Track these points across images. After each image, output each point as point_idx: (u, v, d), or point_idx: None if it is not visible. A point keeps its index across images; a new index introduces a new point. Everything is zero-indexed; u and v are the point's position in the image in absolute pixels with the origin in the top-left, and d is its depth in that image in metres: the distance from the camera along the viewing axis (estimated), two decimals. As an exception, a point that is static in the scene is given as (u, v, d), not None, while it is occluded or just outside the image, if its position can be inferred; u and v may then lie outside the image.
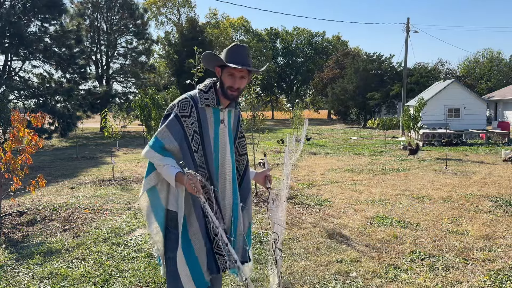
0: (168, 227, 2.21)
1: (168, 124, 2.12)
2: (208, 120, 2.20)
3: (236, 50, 2.16)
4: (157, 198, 2.20)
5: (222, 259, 2.21)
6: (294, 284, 3.60)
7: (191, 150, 2.14)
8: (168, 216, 2.21)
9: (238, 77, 2.16)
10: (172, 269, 2.19)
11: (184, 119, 2.14)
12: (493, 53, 54.48)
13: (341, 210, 6.14)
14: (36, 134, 5.23)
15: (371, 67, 36.66)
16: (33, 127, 5.56)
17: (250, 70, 2.20)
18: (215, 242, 2.20)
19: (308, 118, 28.14)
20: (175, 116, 2.14)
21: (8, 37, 18.52)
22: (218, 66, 2.21)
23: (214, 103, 2.19)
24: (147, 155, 2.12)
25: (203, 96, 2.19)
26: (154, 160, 2.11)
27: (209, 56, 2.19)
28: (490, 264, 4.00)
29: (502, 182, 8.17)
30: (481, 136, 18.12)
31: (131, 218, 5.77)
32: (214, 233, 2.17)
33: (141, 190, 2.22)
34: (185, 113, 2.14)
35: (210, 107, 2.20)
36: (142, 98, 9.16)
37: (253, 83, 7.44)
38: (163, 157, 2.09)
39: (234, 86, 2.16)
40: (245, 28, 59.64)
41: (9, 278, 3.78)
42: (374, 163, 11.35)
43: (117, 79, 32.13)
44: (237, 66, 2.10)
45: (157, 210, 2.19)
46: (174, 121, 2.13)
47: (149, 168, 2.20)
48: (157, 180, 2.19)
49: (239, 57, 2.14)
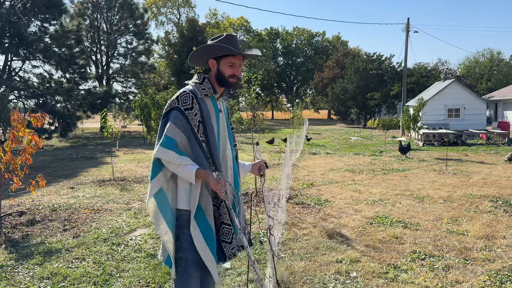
0: (179, 227, 2.19)
1: (174, 120, 2.13)
2: (210, 109, 2.23)
3: (233, 40, 2.23)
4: (165, 198, 2.18)
5: (229, 246, 2.23)
6: (294, 284, 3.60)
7: (199, 141, 2.16)
8: (178, 216, 2.20)
9: (238, 66, 2.24)
10: (181, 269, 2.18)
11: (187, 112, 2.15)
12: (493, 53, 54.55)
13: (341, 210, 6.14)
14: (36, 134, 5.22)
15: (371, 67, 36.65)
16: (33, 127, 5.56)
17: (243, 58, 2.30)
18: (222, 230, 2.22)
19: (308, 118, 28.16)
20: (178, 110, 2.15)
21: (8, 37, 18.52)
22: (212, 58, 2.24)
23: (212, 92, 2.24)
24: (161, 155, 2.09)
25: (200, 87, 2.23)
26: (170, 158, 2.08)
27: (210, 47, 2.21)
28: (490, 264, 4.00)
29: (502, 182, 8.17)
30: (481, 136, 18.12)
31: (131, 218, 5.77)
32: (221, 221, 2.22)
33: (148, 193, 2.18)
34: (187, 106, 2.16)
35: (208, 97, 2.25)
36: (142, 98, 9.17)
37: (253, 83, 7.43)
38: (179, 156, 2.09)
39: (236, 74, 2.23)
40: (245, 28, 59.63)
41: (9, 278, 3.78)
42: (374, 163, 11.35)
43: (117, 79, 32.14)
44: (244, 53, 2.21)
45: (165, 210, 2.18)
46: (179, 116, 2.14)
47: (156, 169, 2.16)
48: (164, 181, 2.18)
49: (238, 46, 2.22)
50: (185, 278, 2.17)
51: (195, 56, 2.29)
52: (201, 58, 2.29)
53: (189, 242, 2.15)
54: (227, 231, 2.22)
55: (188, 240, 2.15)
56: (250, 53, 2.25)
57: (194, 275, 2.18)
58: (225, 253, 2.24)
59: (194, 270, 2.17)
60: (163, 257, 2.32)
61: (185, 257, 2.16)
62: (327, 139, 20.65)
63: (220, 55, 2.23)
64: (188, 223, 2.16)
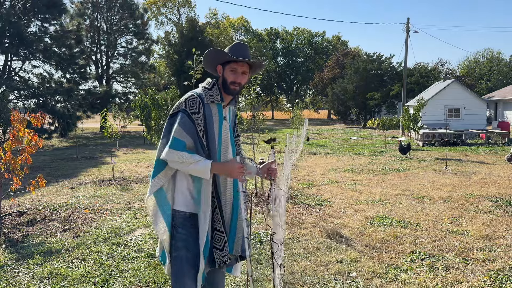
0: (174, 226, 2.22)
1: (181, 123, 2.15)
2: (214, 116, 2.24)
3: (237, 47, 2.25)
4: (164, 198, 2.22)
5: (219, 253, 2.24)
6: (294, 284, 3.60)
7: (203, 146, 2.19)
8: (174, 215, 2.22)
9: (240, 73, 2.24)
10: (176, 267, 2.21)
11: (194, 115, 2.17)
12: (493, 53, 54.57)
13: (341, 210, 6.14)
14: (36, 134, 5.22)
15: (371, 67, 36.65)
16: (33, 127, 5.56)
17: (251, 66, 2.30)
18: (214, 236, 2.24)
19: (308, 118, 28.15)
20: (185, 113, 2.17)
21: (8, 37, 18.52)
22: (220, 64, 2.27)
23: (219, 100, 2.25)
24: (172, 156, 2.10)
25: (208, 93, 2.24)
26: (183, 158, 2.09)
27: (214, 52, 2.24)
28: (490, 264, 4.00)
29: (502, 182, 8.17)
30: (481, 136, 18.11)
31: (131, 218, 5.77)
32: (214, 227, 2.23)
33: (149, 191, 2.23)
34: (194, 110, 2.18)
35: (214, 104, 2.26)
36: (142, 98, 9.16)
37: (253, 83, 7.44)
38: (191, 155, 2.11)
39: (237, 81, 2.23)
40: (245, 28, 59.66)
41: (9, 278, 3.78)
42: (374, 163, 11.34)
43: (117, 79, 32.13)
44: (241, 59, 2.19)
45: (164, 209, 2.21)
46: (186, 119, 2.16)
47: (158, 168, 2.20)
48: (165, 179, 2.21)
49: (240, 52, 2.23)
50: (180, 277, 2.19)
51: (206, 63, 2.33)
52: (211, 64, 2.32)
53: (184, 241, 2.19)
54: (220, 238, 2.24)
55: (183, 239, 2.19)
56: (244, 59, 2.20)
57: (189, 274, 2.19)
58: (215, 260, 2.25)
59: (189, 269, 2.19)
60: (159, 253, 2.37)
61: (180, 256, 2.19)
62: (327, 139, 20.65)
63: (219, 60, 2.26)
64: (183, 223, 2.19)
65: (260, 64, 2.32)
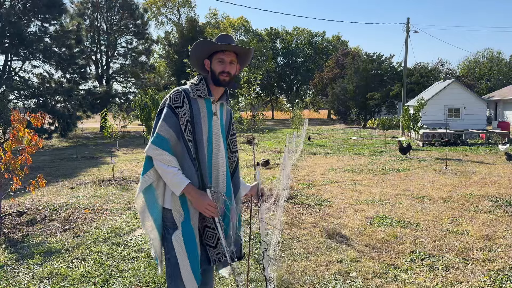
0: (165, 228, 2.20)
1: (164, 118, 2.15)
2: (201, 111, 2.23)
3: (222, 37, 2.26)
4: (153, 195, 2.19)
5: (213, 250, 2.23)
6: (294, 284, 3.60)
7: (185, 140, 2.16)
8: (165, 216, 2.20)
9: (228, 62, 2.23)
10: (171, 269, 2.18)
11: (177, 109, 2.17)
12: (493, 53, 54.57)
13: (341, 210, 6.14)
14: (36, 134, 5.23)
15: (371, 67, 36.63)
16: (33, 127, 5.56)
17: (238, 56, 2.29)
18: (205, 233, 2.22)
19: (308, 118, 28.15)
20: (170, 108, 2.17)
21: (8, 37, 18.52)
22: (207, 58, 2.26)
23: (206, 94, 2.24)
24: (153, 153, 2.10)
25: (195, 87, 2.24)
26: (162, 158, 2.09)
27: (201, 44, 2.22)
28: (490, 264, 4.00)
29: (502, 182, 8.17)
30: (481, 136, 18.12)
31: (131, 218, 5.77)
32: (204, 225, 2.21)
33: (138, 188, 2.20)
34: (177, 104, 2.18)
35: (202, 98, 2.24)
36: (142, 98, 9.17)
37: (252, 83, 7.43)
38: (172, 157, 2.10)
39: (225, 70, 2.22)
40: (245, 28, 59.64)
41: (9, 278, 3.78)
42: (374, 163, 11.34)
43: (117, 79, 32.13)
44: (226, 44, 2.18)
45: (152, 207, 2.18)
46: (170, 113, 2.16)
47: (147, 165, 2.18)
48: (155, 177, 2.19)
49: (226, 40, 2.22)
50: (175, 278, 2.17)
51: (192, 61, 2.32)
52: (197, 61, 2.30)
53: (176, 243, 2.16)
54: (211, 235, 2.22)
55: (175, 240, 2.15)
56: (227, 43, 2.20)
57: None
58: (209, 257, 2.24)
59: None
60: (154, 254, 2.34)
61: (173, 257, 2.15)
62: (327, 139, 20.64)
63: (205, 53, 2.25)
64: (173, 223, 2.16)
65: (247, 51, 2.30)
